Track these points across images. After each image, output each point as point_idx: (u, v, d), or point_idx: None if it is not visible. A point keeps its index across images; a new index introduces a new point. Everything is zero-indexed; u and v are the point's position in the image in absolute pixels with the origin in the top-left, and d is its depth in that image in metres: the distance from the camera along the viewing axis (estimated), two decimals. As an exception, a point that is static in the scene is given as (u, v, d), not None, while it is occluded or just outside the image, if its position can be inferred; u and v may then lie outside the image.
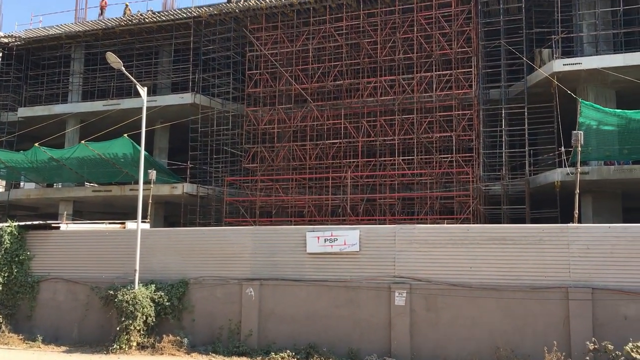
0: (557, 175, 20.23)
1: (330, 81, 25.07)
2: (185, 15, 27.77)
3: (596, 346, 10.93)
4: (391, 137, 23.60)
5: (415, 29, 23.69)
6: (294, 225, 21.49)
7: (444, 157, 22.98)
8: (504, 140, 22.62)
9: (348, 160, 24.47)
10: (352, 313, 13.63)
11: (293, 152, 25.42)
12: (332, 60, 25.43)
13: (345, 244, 14.05)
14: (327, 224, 20.95)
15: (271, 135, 26.26)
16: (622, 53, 21.48)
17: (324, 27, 25.21)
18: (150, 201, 22.19)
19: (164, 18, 28.39)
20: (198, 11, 27.45)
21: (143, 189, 16.64)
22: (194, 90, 27.23)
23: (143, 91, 16.90)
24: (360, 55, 24.87)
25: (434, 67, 23.54)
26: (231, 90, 26.92)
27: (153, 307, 14.72)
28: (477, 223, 20.98)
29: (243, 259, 14.82)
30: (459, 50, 23.11)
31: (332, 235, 14.19)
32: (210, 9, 27.29)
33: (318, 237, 14.25)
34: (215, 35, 27.13)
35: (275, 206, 25.19)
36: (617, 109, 20.42)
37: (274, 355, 13.37)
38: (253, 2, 26.36)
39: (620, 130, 19.32)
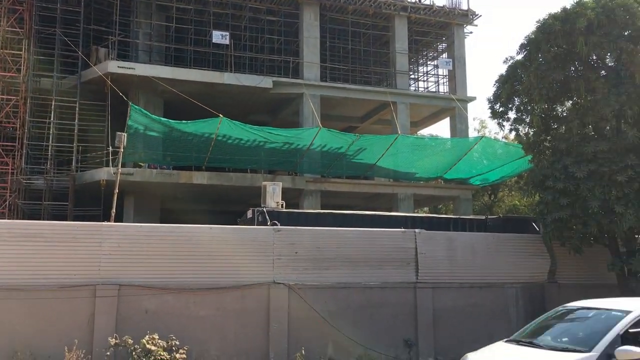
0: (103, 173, 20.46)
1: None
2: None
3: (117, 341, 11.31)
4: None
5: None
6: None
7: (-20, 144, 20.55)
8: (52, 133, 21.62)
9: None
10: None
11: None
12: None
13: None
14: None
15: None
16: (172, 67, 23.32)
17: None
18: None
19: None
20: None
21: None
22: None
23: None
24: None
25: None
26: None
27: None
28: (15, 218, 19.49)
29: None
30: (10, 29, 21.13)
31: None
32: None
33: None
34: None
35: None
36: (165, 117, 21.99)
37: None
38: None
39: (164, 137, 20.90)
